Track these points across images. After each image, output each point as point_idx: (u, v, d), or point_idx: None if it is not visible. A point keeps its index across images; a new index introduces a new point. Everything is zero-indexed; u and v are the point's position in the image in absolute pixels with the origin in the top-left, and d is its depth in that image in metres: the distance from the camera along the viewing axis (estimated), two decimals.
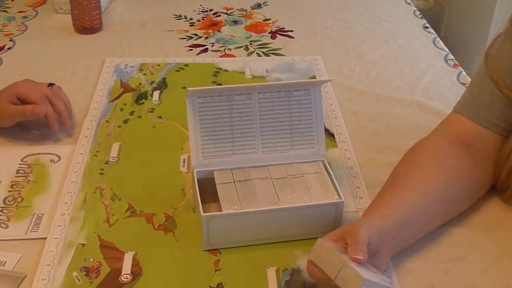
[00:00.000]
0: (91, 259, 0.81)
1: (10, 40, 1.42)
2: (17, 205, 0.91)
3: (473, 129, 0.89)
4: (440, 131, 0.93)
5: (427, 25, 1.56)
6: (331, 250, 0.70)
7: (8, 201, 0.92)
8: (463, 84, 1.26)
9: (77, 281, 0.78)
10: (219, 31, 1.50)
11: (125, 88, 1.22)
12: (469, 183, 0.87)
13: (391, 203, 0.81)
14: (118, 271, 0.79)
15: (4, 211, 0.89)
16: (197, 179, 0.86)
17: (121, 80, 1.25)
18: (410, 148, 0.91)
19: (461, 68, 1.33)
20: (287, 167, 0.89)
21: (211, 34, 1.48)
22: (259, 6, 1.65)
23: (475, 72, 0.93)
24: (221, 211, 0.82)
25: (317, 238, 0.73)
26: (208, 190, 0.86)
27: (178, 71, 1.29)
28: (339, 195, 0.84)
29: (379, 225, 0.75)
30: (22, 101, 1.02)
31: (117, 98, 1.18)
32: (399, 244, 0.79)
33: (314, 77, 1.28)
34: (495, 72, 0.87)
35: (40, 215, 0.89)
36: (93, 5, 1.42)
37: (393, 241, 0.77)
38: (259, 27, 1.52)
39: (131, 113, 1.14)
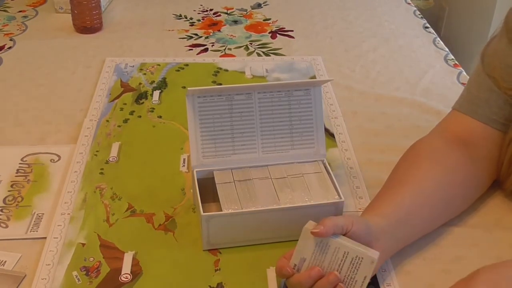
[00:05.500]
0: (91, 259, 0.81)
1: (10, 40, 1.42)
2: (17, 205, 0.91)
3: (472, 126, 0.89)
4: (439, 130, 0.93)
5: (427, 25, 1.56)
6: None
7: (8, 200, 0.92)
8: (463, 84, 1.26)
9: (77, 280, 0.78)
10: (219, 31, 1.50)
11: (125, 87, 1.22)
12: (467, 183, 0.87)
13: (387, 203, 0.81)
14: (118, 270, 0.79)
15: (4, 210, 0.89)
16: (197, 179, 0.86)
17: (121, 80, 1.25)
18: (409, 148, 0.91)
19: (461, 68, 1.33)
20: (287, 167, 0.89)
21: (211, 34, 1.48)
22: (259, 6, 1.65)
23: (472, 72, 0.94)
24: (221, 211, 0.82)
25: None
26: (208, 190, 0.86)
27: (178, 70, 1.29)
28: (339, 195, 0.84)
29: (370, 220, 0.76)
30: None
31: (117, 97, 1.18)
32: (398, 242, 0.79)
33: (314, 77, 1.28)
34: (492, 69, 0.88)
35: (40, 214, 0.89)
36: (93, 4, 1.42)
37: (391, 239, 0.77)
38: (259, 27, 1.52)
39: (131, 112, 1.14)
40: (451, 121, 0.93)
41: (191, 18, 1.57)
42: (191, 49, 1.40)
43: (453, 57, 1.38)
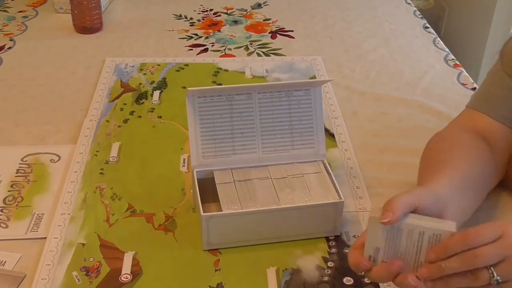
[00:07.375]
0: (91, 259, 0.81)
1: (10, 40, 1.42)
2: (17, 205, 0.91)
3: (487, 124, 0.89)
4: (456, 125, 0.92)
5: (427, 25, 1.56)
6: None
7: (8, 200, 0.92)
8: (463, 84, 1.26)
9: (77, 280, 0.78)
10: (219, 31, 1.50)
11: (125, 88, 1.22)
12: (488, 175, 0.86)
13: (441, 174, 0.77)
14: (118, 270, 0.79)
15: (4, 210, 0.89)
16: (197, 179, 0.86)
17: (121, 80, 1.25)
18: (433, 138, 0.90)
19: (461, 68, 1.33)
20: (287, 167, 0.89)
21: (211, 34, 1.48)
22: (259, 6, 1.65)
23: (488, 71, 0.93)
24: (221, 211, 0.82)
25: (316, 238, 0.73)
26: (208, 190, 0.86)
27: (178, 71, 1.29)
28: (339, 195, 0.84)
29: (435, 189, 0.72)
30: None
31: (117, 98, 1.18)
32: (463, 212, 0.77)
33: (314, 77, 1.28)
34: (511, 68, 0.87)
35: (40, 214, 0.89)
36: (93, 5, 1.42)
37: (459, 207, 0.74)
38: (259, 27, 1.52)
39: (131, 113, 1.14)
40: (466, 118, 0.92)
41: (191, 18, 1.57)
42: (191, 49, 1.40)
43: (453, 57, 1.38)
